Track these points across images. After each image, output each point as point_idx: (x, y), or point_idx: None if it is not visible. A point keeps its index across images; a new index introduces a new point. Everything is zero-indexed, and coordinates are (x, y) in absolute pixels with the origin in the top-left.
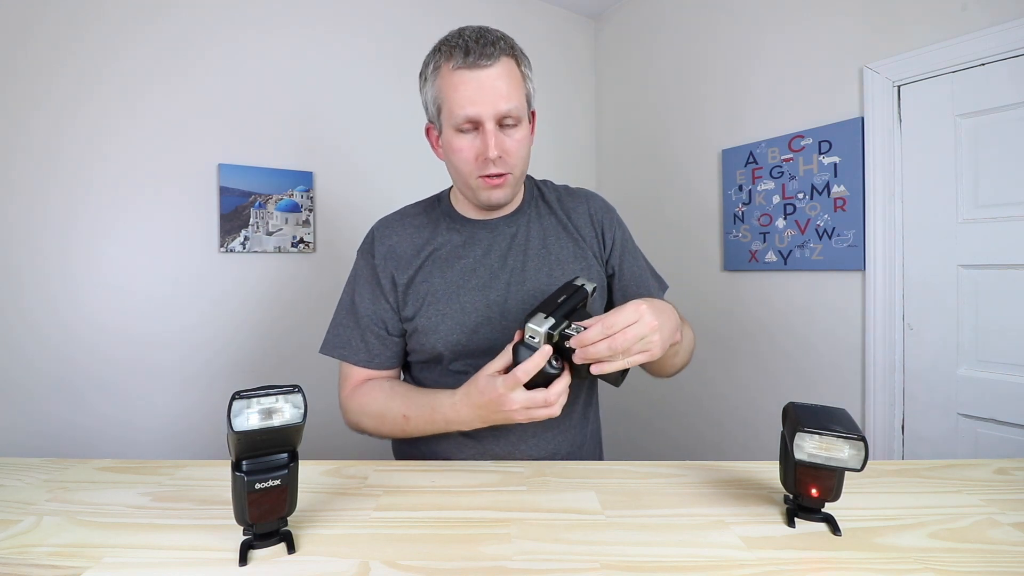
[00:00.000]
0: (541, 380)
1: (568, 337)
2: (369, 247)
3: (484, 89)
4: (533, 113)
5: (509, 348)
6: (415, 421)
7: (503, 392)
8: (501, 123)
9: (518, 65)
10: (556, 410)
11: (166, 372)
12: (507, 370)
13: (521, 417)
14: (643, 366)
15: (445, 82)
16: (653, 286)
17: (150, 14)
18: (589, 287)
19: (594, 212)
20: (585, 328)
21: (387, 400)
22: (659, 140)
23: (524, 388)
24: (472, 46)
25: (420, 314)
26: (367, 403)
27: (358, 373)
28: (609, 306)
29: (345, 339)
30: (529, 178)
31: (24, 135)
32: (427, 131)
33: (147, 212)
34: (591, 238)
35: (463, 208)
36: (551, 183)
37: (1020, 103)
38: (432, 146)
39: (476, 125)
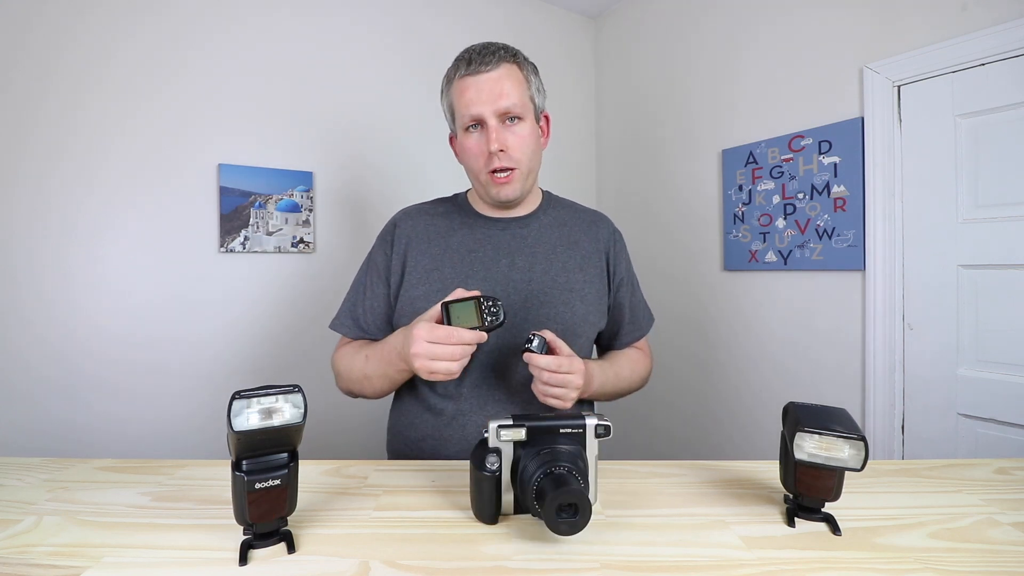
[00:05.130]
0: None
1: (530, 339)
2: (389, 234)
3: (483, 91)
4: (546, 117)
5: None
6: (372, 359)
7: (420, 318)
8: (504, 120)
9: (520, 69)
10: (456, 368)
11: (166, 372)
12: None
13: (419, 349)
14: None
15: (454, 90)
16: (644, 323)
17: (149, 14)
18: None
19: (603, 237)
20: (545, 340)
21: (358, 347)
22: (659, 140)
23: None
24: (474, 56)
25: (428, 297)
26: (343, 354)
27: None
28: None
29: (347, 317)
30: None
31: (23, 136)
32: (451, 140)
33: (147, 212)
34: (596, 259)
35: (479, 206)
36: (557, 197)
37: (1020, 103)
38: (456, 154)
39: (480, 123)
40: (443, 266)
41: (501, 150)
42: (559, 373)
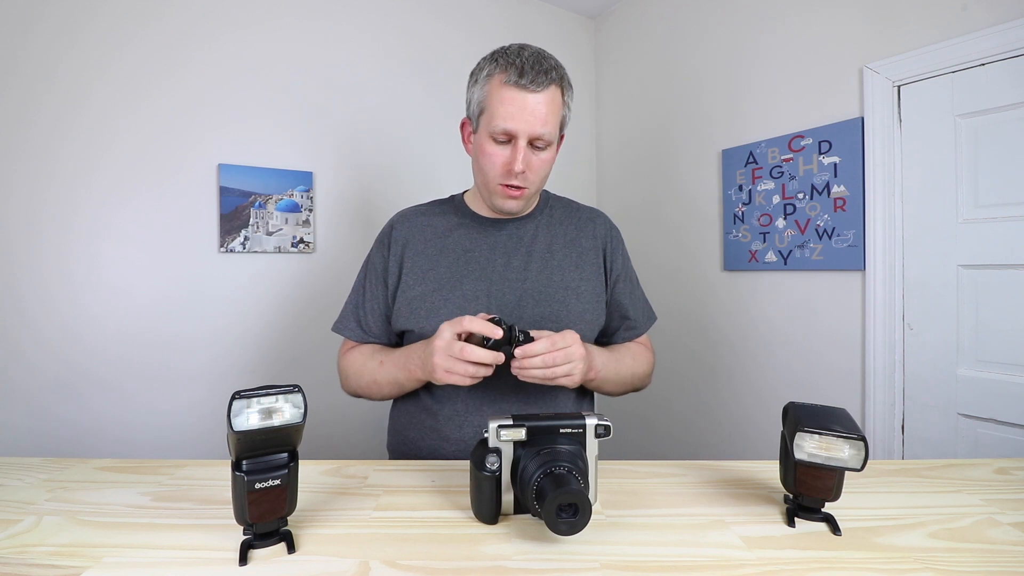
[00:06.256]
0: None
1: (518, 338)
2: (386, 236)
3: (526, 111)
4: (562, 136)
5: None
6: (387, 365)
7: (442, 329)
8: (533, 143)
9: (562, 94)
10: (471, 374)
11: (166, 372)
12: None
13: (439, 360)
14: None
15: (493, 92)
16: (644, 320)
17: (149, 13)
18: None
19: (600, 234)
20: (528, 333)
21: (371, 352)
22: (659, 140)
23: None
24: (527, 70)
25: (425, 297)
26: (354, 358)
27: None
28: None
29: (351, 320)
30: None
31: (24, 135)
32: (462, 125)
33: (147, 212)
34: (593, 256)
35: (476, 206)
36: (555, 195)
37: (1020, 103)
38: (463, 140)
39: (510, 138)
40: (439, 266)
41: (522, 171)
42: (556, 351)
